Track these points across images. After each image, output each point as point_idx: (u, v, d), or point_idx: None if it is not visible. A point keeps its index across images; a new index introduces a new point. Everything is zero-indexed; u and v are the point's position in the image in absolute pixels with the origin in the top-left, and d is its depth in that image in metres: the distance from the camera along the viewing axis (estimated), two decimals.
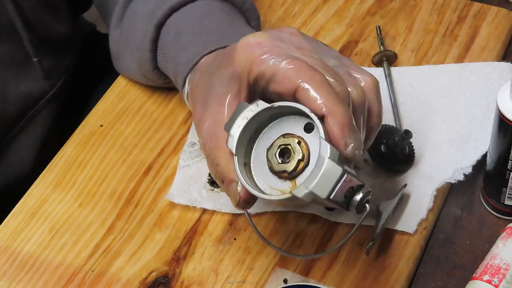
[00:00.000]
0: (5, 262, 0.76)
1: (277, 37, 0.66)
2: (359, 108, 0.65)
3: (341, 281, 0.72)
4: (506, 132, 0.69)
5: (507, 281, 0.68)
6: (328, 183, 0.59)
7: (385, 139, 0.79)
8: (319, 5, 0.98)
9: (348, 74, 0.66)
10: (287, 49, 0.65)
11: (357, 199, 0.61)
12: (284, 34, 0.66)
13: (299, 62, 0.63)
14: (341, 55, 0.69)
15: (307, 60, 0.64)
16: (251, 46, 0.65)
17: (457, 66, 0.88)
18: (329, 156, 0.59)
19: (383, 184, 0.78)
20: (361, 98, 0.65)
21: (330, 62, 0.66)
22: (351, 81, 0.65)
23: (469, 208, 0.79)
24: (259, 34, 0.66)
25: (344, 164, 0.60)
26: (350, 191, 0.61)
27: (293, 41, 0.66)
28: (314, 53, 0.65)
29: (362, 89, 0.65)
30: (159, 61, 0.81)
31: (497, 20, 0.93)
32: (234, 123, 0.63)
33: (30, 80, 0.92)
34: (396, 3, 0.97)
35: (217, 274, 0.74)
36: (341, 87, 0.63)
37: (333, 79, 0.63)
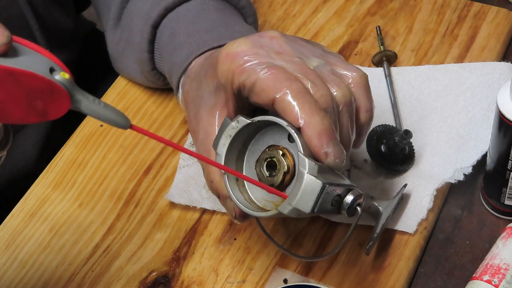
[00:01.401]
0: (5, 262, 0.76)
1: (257, 44, 0.65)
2: (345, 108, 0.64)
3: (341, 281, 0.72)
4: (506, 132, 0.69)
5: (507, 281, 0.68)
6: (310, 198, 0.59)
7: (385, 139, 0.79)
8: (319, 5, 0.98)
9: (333, 73, 0.65)
10: (266, 56, 0.64)
11: (347, 203, 0.62)
12: (264, 39, 0.66)
13: (276, 71, 0.62)
14: (328, 51, 0.69)
15: (287, 66, 0.63)
16: (231, 57, 0.64)
17: (457, 66, 0.88)
18: (308, 171, 0.59)
19: (383, 184, 0.78)
20: (346, 98, 0.64)
21: (313, 63, 0.65)
22: (335, 80, 0.65)
23: (469, 208, 0.79)
24: (239, 42, 0.65)
25: (327, 174, 0.60)
26: (337, 199, 0.61)
27: (273, 46, 0.65)
28: (296, 56, 0.65)
29: (347, 87, 0.65)
30: (156, 61, 0.82)
31: (497, 20, 0.93)
32: (219, 141, 0.64)
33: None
34: (396, 3, 0.97)
35: (217, 274, 0.74)
36: (322, 91, 0.62)
37: (314, 83, 0.62)
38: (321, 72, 0.65)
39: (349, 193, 0.62)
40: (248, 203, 0.64)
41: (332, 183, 0.60)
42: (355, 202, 0.62)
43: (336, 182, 0.61)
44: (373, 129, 0.79)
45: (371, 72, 0.88)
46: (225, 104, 0.67)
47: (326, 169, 0.61)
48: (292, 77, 0.62)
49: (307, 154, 0.60)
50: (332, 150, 0.60)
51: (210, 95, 0.68)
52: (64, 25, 0.96)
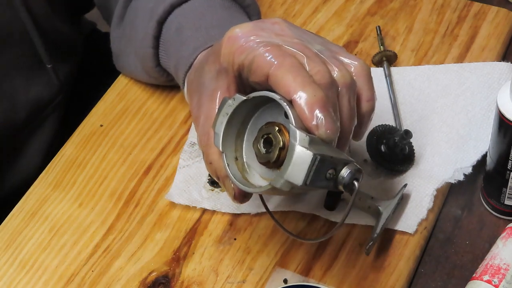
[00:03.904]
0: (5, 262, 0.76)
1: (259, 27, 0.66)
2: (344, 89, 0.64)
3: (341, 281, 0.72)
4: (506, 132, 0.69)
5: (507, 281, 0.68)
6: (301, 169, 0.59)
7: (385, 139, 0.79)
8: (319, 5, 0.98)
9: (334, 58, 0.66)
10: (267, 36, 0.65)
11: (343, 177, 0.61)
12: (266, 24, 0.67)
13: (272, 48, 0.63)
14: (330, 42, 0.69)
15: (285, 44, 0.64)
16: (232, 39, 0.65)
17: (457, 66, 0.88)
18: (298, 142, 0.59)
19: (383, 184, 0.78)
20: (346, 79, 0.64)
21: (314, 47, 0.66)
22: (335, 62, 0.65)
23: (469, 208, 0.79)
24: (241, 26, 0.66)
25: (321, 147, 0.59)
26: (332, 173, 0.60)
27: (274, 29, 0.66)
28: (296, 38, 0.66)
29: (348, 71, 0.65)
30: (161, 57, 0.82)
31: (497, 20, 0.93)
32: (217, 120, 0.64)
33: (40, 85, 0.92)
34: (396, 3, 0.97)
35: (217, 274, 0.74)
36: (319, 67, 0.63)
37: (311, 60, 0.63)
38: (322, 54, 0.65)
39: (346, 167, 0.61)
40: (246, 181, 0.64)
41: (324, 155, 0.59)
42: (352, 177, 0.61)
43: (329, 155, 0.60)
44: (373, 129, 0.79)
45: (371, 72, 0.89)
46: (226, 88, 0.67)
47: (320, 141, 0.60)
48: (288, 53, 0.63)
49: (299, 127, 0.60)
50: (323, 121, 0.60)
51: (212, 80, 0.68)
52: (66, 33, 0.96)
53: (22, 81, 0.90)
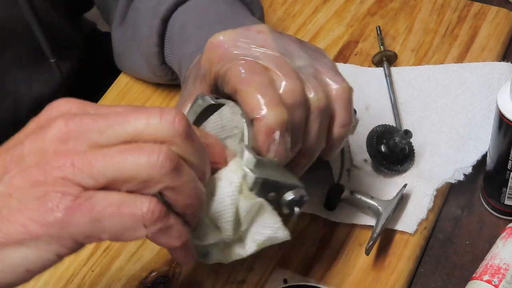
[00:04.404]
0: None
1: (241, 36, 0.65)
2: (317, 112, 0.63)
3: (341, 281, 0.72)
4: (506, 132, 0.69)
5: (507, 281, 0.68)
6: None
7: (385, 139, 0.79)
8: (319, 5, 0.98)
9: (314, 76, 0.65)
10: (246, 48, 0.64)
11: (285, 202, 0.61)
12: (250, 32, 0.66)
13: (246, 63, 0.62)
14: (320, 56, 0.68)
15: (264, 56, 0.63)
16: (213, 46, 0.65)
17: (457, 66, 0.88)
18: (244, 163, 0.59)
19: (383, 184, 0.78)
20: (320, 102, 0.63)
21: (297, 62, 0.65)
22: (313, 83, 0.64)
23: (469, 208, 0.79)
24: (224, 33, 0.65)
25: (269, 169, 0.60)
26: (274, 196, 0.61)
27: (257, 39, 0.65)
28: (277, 50, 0.64)
29: (325, 94, 0.64)
30: (166, 55, 0.82)
31: (497, 20, 0.93)
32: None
33: (42, 82, 0.92)
34: (396, 3, 0.97)
35: (217, 274, 0.74)
36: (291, 86, 0.61)
37: (286, 77, 0.62)
38: (301, 72, 0.64)
39: (289, 192, 0.61)
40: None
41: (267, 179, 0.60)
42: (292, 203, 0.61)
43: (273, 179, 0.60)
44: (373, 129, 0.79)
45: (371, 72, 0.89)
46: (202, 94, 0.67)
47: (269, 164, 0.60)
48: (260, 70, 0.62)
49: (252, 146, 0.60)
50: (276, 148, 0.60)
51: (194, 84, 0.68)
52: (67, 30, 0.97)
53: (24, 78, 0.90)
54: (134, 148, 0.51)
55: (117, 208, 0.50)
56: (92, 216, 0.50)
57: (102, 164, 0.50)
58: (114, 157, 0.50)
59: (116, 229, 0.51)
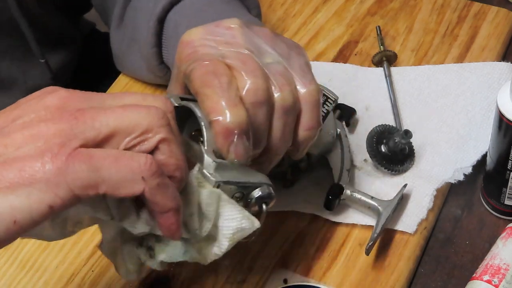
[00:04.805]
0: (5, 262, 0.76)
1: (210, 33, 0.65)
2: (281, 112, 0.63)
3: (341, 281, 0.72)
4: (506, 132, 0.69)
5: (507, 281, 0.68)
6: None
7: (385, 139, 0.79)
8: (319, 5, 0.98)
9: (282, 75, 0.64)
10: (213, 46, 0.64)
11: (250, 200, 0.61)
12: (220, 28, 0.65)
13: (209, 64, 0.62)
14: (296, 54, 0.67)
15: (230, 54, 0.63)
16: (182, 45, 0.65)
17: (457, 66, 0.88)
18: (204, 167, 0.59)
19: (383, 184, 0.78)
20: (285, 102, 0.63)
21: (266, 59, 0.64)
22: (280, 81, 0.63)
23: (469, 208, 0.79)
24: (193, 31, 0.65)
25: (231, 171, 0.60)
26: (239, 196, 0.61)
27: (226, 36, 0.64)
28: (245, 47, 0.64)
29: (291, 93, 0.63)
30: (164, 55, 0.82)
31: (497, 20, 0.93)
32: None
33: (37, 76, 0.92)
34: (396, 3, 0.97)
35: (217, 274, 0.74)
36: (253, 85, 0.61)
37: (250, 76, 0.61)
38: (269, 70, 0.63)
39: (255, 191, 0.61)
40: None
41: (229, 181, 0.60)
42: (260, 200, 0.61)
43: (235, 180, 0.60)
44: (373, 129, 0.79)
45: (371, 72, 0.89)
46: (179, 92, 0.66)
47: (230, 165, 0.60)
48: (222, 70, 0.61)
49: (211, 149, 0.60)
50: (234, 149, 0.60)
51: (171, 82, 0.68)
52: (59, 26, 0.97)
53: (18, 72, 0.90)
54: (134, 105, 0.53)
55: (115, 159, 0.50)
56: (91, 164, 0.49)
57: (104, 116, 0.51)
58: (116, 110, 0.51)
59: (115, 179, 0.50)
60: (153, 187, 0.51)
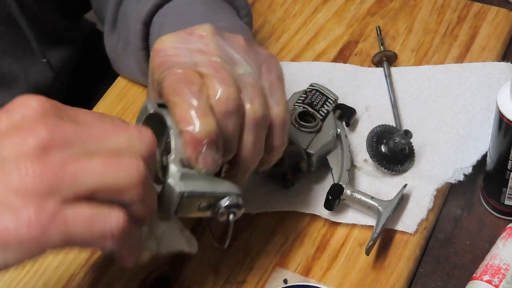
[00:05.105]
0: None
1: (182, 41, 0.64)
2: (251, 124, 0.63)
3: (341, 281, 0.72)
4: (506, 132, 0.69)
5: (507, 281, 0.68)
6: (170, 203, 0.60)
7: (385, 139, 0.79)
8: (319, 5, 0.98)
9: (253, 87, 0.63)
10: (186, 54, 0.63)
11: (219, 210, 0.62)
12: (192, 37, 0.65)
13: (180, 72, 0.61)
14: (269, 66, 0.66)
15: (202, 62, 0.62)
16: (154, 53, 0.64)
17: (457, 66, 0.88)
18: (169, 176, 0.60)
19: (383, 184, 0.78)
20: (256, 113, 0.62)
21: (239, 69, 0.64)
22: (251, 93, 0.63)
23: (469, 208, 0.79)
24: (165, 39, 0.65)
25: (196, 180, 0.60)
26: (205, 206, 0.61)
27: (199, 44, 0.64)
28: (218, 55, 0.63)
29: (262, 105, 0.63)
30: None
31: (497, 20, 0.93)
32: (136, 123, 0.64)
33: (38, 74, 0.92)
34: (396, 3, 0.97)
35: (217, 274, 0.74)
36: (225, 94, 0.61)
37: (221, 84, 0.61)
38: (240, 81, 0.63)
39: (222, 200, 0.62)
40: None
41: (193, 191, 0.60)
42: (227, 210, 0.62)
43: (201, 190, 0.61)
44: (373, 129, 0.79)
45: (371, 72, 0.89)
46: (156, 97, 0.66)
47: (197, 175, 0.61)
48: (193, 79, 0.61)
49: (179, 158, 0.60)
50: (203, 159, 0.60)
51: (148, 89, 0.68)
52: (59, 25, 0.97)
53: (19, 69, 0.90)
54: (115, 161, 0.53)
55: (89, 223, 0.52)
56: (65, 231, 0.51)
57: (85, 174, 0.52)
58: (97, 168, 0.52)
59: (85, 241, 0.52)
60: (121, 244, 0.54)
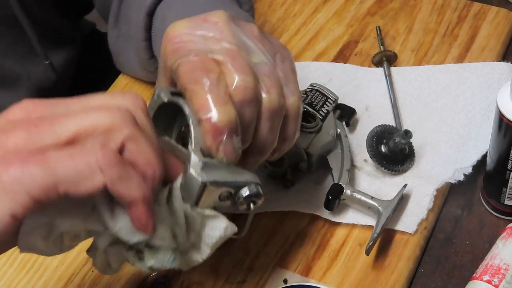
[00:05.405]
0: (5, 262, 0.76)
1: (197, 27, 0.63)
2: (267, 113, 0.62)
3: (341, 281, 0.72)
4: (506, 132, 0.69)
5: (507, 281, 0.68)
6: (191, 193, 0.59)
7: (385, 139, 0.79)
8: (319, 5, 0.98)
9: (269, 77, 0.62)
10: (201, 41, 0.62)
11: (240, 199, 0.61)
12: (207, 23, 0.64)
13: (197, 60, 0.60)
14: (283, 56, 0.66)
15: (218, 50, 0.61)
16: (168, 39, 0.63)
17: (457, 66, 0.88)
18: (191, 166, 0.58)
19: (383, 184, 0.78)
20: (272, 103, 0.62)
21: (254, 58, 0.63)
22: (268, 82, 0.62)
23: (469, 208, 0.79)
24: (179, 25, 0.63)
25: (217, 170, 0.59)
26: (227, 195, 0.60)
27: (214, 30, 0.63)
28: (234, 43, 0.62)
29: (278, 94, 0.62)
30: (154, 48, 0.81)
31: (497, 20, 0.93)
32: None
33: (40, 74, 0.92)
34: (396, 3, 0.97)
35: (217, 274, 0.74)
36: (242, 82, 0.60)
37: (237, 72, 0.60)
38: (256, 70, 0.62)
39: (243, 189, 0.61)
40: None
41: (216, 181, 0.59)
42: (248, 200, 0.61)
43: (222, 180, 0.59)
44: (373, 129, 0.79)
45: (371, 72, 0.89)
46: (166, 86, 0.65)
47: (218, 164, 0.59)
48: (210, 66, 0.60)
49: (199, 148, 0.59)
50: (224, 148, 0.59)
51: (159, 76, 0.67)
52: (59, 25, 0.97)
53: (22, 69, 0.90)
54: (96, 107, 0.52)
55: (71, 156, 0.49)
56: (46, 166, 0.49)
57: (65, 120, 0.51)
58: (78, 114, 0.51)
59: (72, 177, 0.49)
60: (113, 178, 0.50)
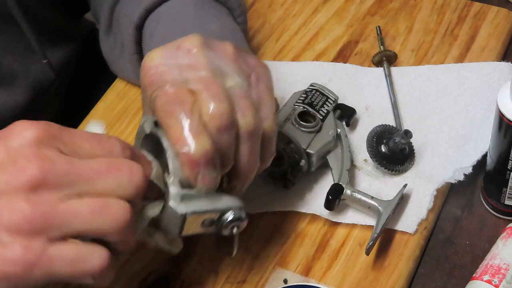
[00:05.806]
0: None
1: (171, 56, 0.64)
2: (246, 136, 0.63)
3: (341, 281, 0.72)
4: (506, 132, 0.69)
5: (507, 281, 0.68)
6: (174, 224, 0.61)
7: (385, 139, 0.79)
8: (319, 5, 0.98)
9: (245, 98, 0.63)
10: (175, 73, 0.63)
11: (223, 225, 0.63)
12: (180, 51, 0.64)
13: (171, 92, 0.61)
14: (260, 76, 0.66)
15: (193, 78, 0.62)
16: (144, 70, 0.64)
17: (457, 66, 0.88)
18: (170, 198, 0.60)
19: (383, 184, 0.78)
20: (249, 126, 0.62)
21: (228, 82, 0.63)
22: (242, 106, 0.62)
23: (469, 208, 0.79)
24: (153, 55, 0.64)
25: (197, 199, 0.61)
26: (209, 223, 0.62)
27: (187, 59, 0.64)
28: (208, 69, 0.63)
29: (254, 116, 0.63)
30: None
31: (497, 20, 0.93)
32: (135, 140, 0.64)
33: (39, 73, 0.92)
34: (396, 3, 0.97)
35: (217, 274, 0.74)
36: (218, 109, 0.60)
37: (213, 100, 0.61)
38: (231, 93, 0.63)
39: (225, 215, 0.63)
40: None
41: (196, 211, 0.61)
42: (231, 225, 0.63)
43: (202, 209, 0.61)
44: (373, 129, 0.79)
45: (371, 72, 0.89)
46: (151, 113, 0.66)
47: (198, 194, 0.61)
48: (184, 97, 0.61)
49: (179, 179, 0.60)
50: (202, 178, 0.60)
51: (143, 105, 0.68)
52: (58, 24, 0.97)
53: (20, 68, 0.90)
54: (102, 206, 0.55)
55: (73, 264, 0.54)
56: (49, 271, 0.54)
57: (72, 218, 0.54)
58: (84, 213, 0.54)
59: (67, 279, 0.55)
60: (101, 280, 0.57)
